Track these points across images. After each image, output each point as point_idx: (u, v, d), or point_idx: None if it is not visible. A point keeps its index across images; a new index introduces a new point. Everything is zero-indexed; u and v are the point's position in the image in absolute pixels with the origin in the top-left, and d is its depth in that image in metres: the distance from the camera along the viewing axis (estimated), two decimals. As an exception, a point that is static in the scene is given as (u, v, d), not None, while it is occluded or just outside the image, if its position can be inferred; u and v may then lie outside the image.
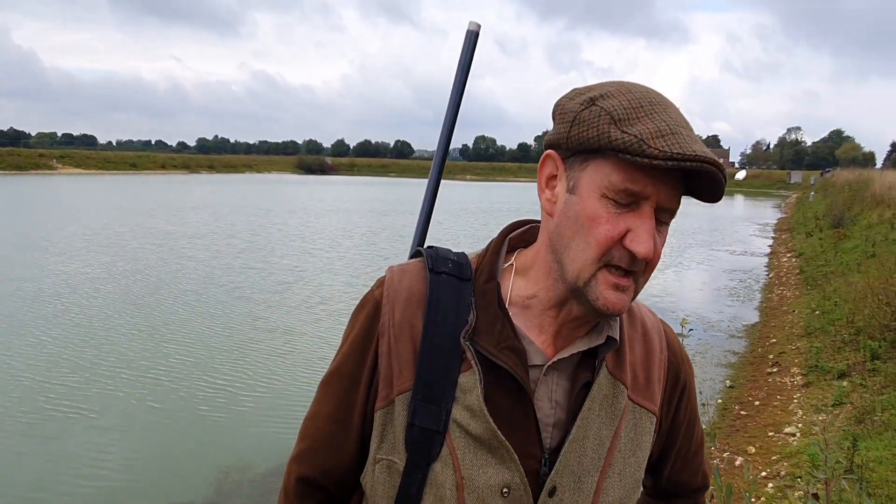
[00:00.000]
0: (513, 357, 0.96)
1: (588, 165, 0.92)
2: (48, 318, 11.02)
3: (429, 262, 1.02)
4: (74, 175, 77.91)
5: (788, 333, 10.35)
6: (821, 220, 23.39)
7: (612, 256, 0.91)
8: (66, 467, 6.17)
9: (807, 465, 5.24)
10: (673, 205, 0.92)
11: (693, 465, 1.21)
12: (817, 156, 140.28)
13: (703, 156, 0.86)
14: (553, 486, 0.97)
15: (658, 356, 1.09)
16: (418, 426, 0.96)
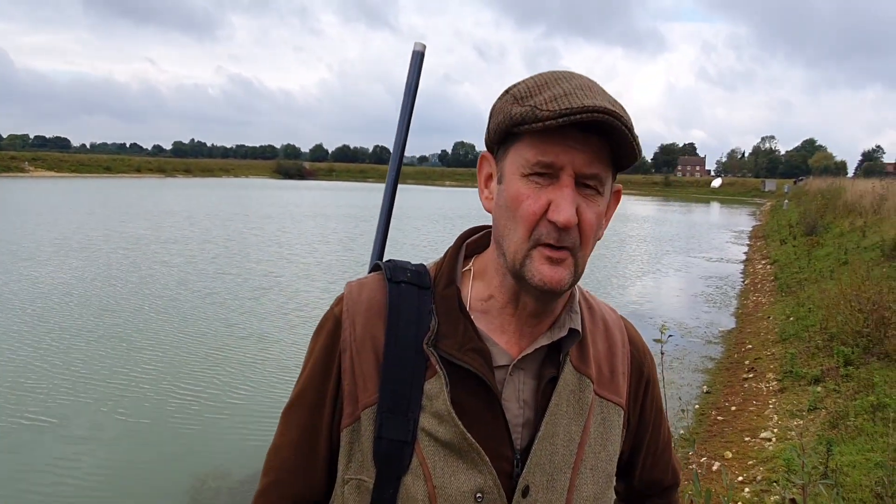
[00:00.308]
0: (477, 358, 0.95)
1: (508, 152, 0.95)
2: (15, 324, 10.77)
3: (387, 273, 1.02)
4: (47, 178, 76.54)
5: (764, 339, 10.46)
6: (794, 228, 23.74)
7: (541, 233, 0.91)
8: (34, 477, 6.01)
9: (782, 469, 5.28)
10: (593, 169, 0.91)
11: (663, 461, 1.22)
12: (791, 164, 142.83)
13: (594, 106, 0.86)
14: (526, 486, 0.96)
15: (621, 350, 1.10)
16: (386, 439, 0.94)
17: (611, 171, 0.95)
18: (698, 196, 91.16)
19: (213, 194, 54.99)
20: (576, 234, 0.92)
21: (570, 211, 0.89)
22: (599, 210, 0.94)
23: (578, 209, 0.91)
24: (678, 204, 68.98)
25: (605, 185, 0.94)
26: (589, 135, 0.89)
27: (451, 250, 1.07)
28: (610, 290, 16.03)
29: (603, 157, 0.92)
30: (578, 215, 0.91)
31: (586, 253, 0.95)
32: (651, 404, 1.16)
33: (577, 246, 0.93)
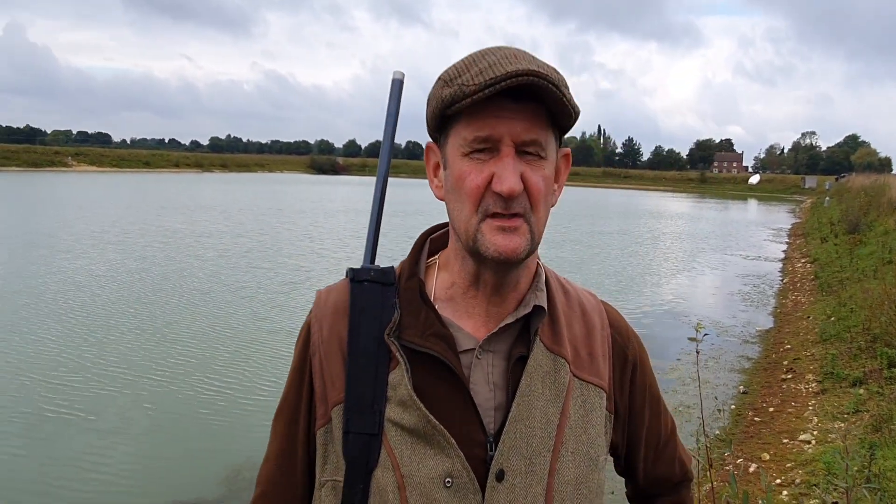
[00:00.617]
0: (439, 343, 0.96)
1: (448, 136, 0.96)
2: (50, 316, 11.04)
3: (349, 274, 1.04)
4: (89, 172, 78.57)
5: (803, 339, 10.21)
6: (836, 226, 23.13)
7: (488, 204, 0.92)
8: (67, 468, 6.13)
9: (822, 473, 5.15)
10: (531, 135, 0.91)
11: (667, 455, 1.18)
12: (832, 160, 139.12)
13: (517, 70, 0.86)
14: (500, 470, 0.94)
15: (599, 332, 1.08)
16: (353, 433, 0.95)
17: (552, 134, 0.95)
18: (735, 193, 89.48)
19: (247, 189, 55.81)
20: (524, 200, 0.92)
21: (512, 179, 0.90)
22: (545, 174, 0.94)
23: (523, 175, 0.92)
24: (714, 201, 67.80)
25: (548, 149, 0.95)
26: (523, 102, 0.90)
27: (414, 245, 1.08)
28: (644, 287, 15.83)
29: (541, 122, 0.92)
30: (524, 181, 0.92)
31: (539, 218, 0.95)
32: (643, 390, 1.13)
33: (528, 211, 0.93)
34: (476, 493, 0.93)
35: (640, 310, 13.13)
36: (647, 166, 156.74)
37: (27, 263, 15.69)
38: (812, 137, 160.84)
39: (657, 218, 39.37)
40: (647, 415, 1.13)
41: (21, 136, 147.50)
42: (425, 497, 0.93)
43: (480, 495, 0.93)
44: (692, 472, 1.24)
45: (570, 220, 33.87)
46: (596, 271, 17.69)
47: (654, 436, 1.15)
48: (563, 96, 0.90)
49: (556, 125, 0.95)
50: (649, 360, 1.17)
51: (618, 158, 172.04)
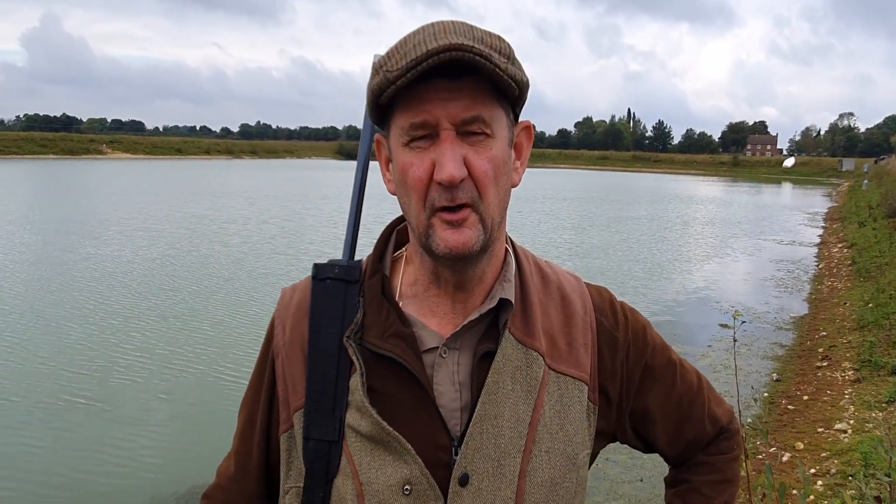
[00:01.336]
0: (399, 344, 0.91)
1: (390, 127, 0.90)
2: (76, 302, 11.21)
3: (313, 272, 1.00)
4: (123, 160, 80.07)
5: (839, 326, 9.99)
6: (875, 210, 22.54)
7: (433, 198, 0.86)
8: (87, 454, 6.19)
9: (859, 463, 5.04)
10: (472, 112, 0.84)
11: (693, 416, 1.10)
12: (871, 142, 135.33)
13: (437, 47, 0.80)
14: (464, 475, 0.89)
15: (581, 319, 1.01)
16: (314, 440, 0.92)
17: (500, 108, 0.87)
18: (769, 176, 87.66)
19: (276, 175, 56.32)
20: (470, 187, 0.86)
21: (450, 166, 0.83)
22: (493, 154, 0.87)
23: (466, 159, 0.85)
24: (747, 185, 66.50)
25: (495, 124, 0.87)
26: (459, 80, 0.83)
27: (379, 239, 1.03)
28: (673, 273, 15.62)
29: (482, 96, 0.85)
30: (468, 165, 0.85)
31: (490, 204, 0.88)
32: (644, 366, 1.05)
33: (476, 200, 0.86)
34: (437, 500, 0.88)
35: (670, 296, 12.96)
36: (678, 150, 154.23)
37: (56, 250, 15.99)
38: (850, 119, 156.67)
39: (687, 202, 38.75)
40: (658, 387, 1.06)
41: (58, 125, 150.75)
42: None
43: (443, 501, 0.89)
44: (733, 424, 1.16)
45: (599, 205, 33.56)
46: (624, 257, 17.49)
47: (673, 403, 1.08)
48: (495, 67, 0.81)
49: (505, 98, 0.88)
50: (652, 330, 1.10)
51: (648, 142, 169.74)
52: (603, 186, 51.01)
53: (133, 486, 5.75)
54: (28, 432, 6.56)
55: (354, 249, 1.05)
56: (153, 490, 5.63)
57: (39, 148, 79.95)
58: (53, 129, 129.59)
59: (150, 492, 5.59)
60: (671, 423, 1.09)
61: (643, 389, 1.06)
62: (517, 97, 0.89)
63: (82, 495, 5.59)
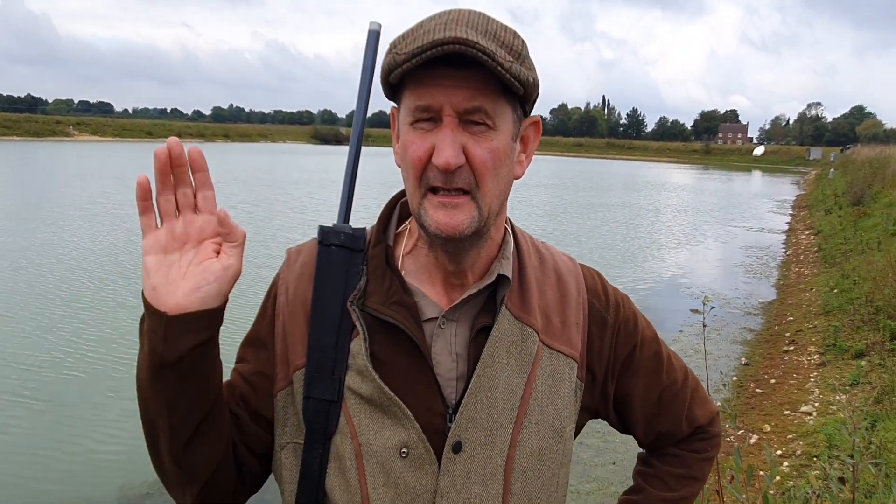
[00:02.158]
0: (401, 311, 0.95)
1: (400, 104, 0.93)
2: (26, 291, 10.75)
3: (319, 236, 1.02)
4: (91, 142, 78.31)
5: (806, 311, 10.21)
6: (840, 198, 23.01)
7: (429, 178, 0.89)
8: (53, 446, 6.03)
9: (824, 444, 5.18)
10: (474, 103, 0.87)
11: (671, 411, 1.14)
12: (837, 132, 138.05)
13: (444, 38, 0.82)
14: (457, 442, 0.93)
15: (574, 299, 1.05)
16: (314, 399, 0.94)
17: (505, 102, 0.89)
18: (740, 164, 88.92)
19: (247, 159, 55.50)
20: (468, 174, 0.88)
21: (448, 152, 0.86)
22: (493, 146, 0.89)
23: (466, 147, 0.88)
24: (718, 172, 67.38)
25: (498, 117, 0.89)
26: (465, 69, 0.85)
27: (383, 210, 1.05)
28: (645, 260, 15.81)
29: (488, 89, 0.87)
30: (467, 154, 0.88)
31: (487, 193, 0.90)
32: (631, 351, 1.09)
33: (472, 186, 0.89)
34: (432, 464, 0.92)
35: (643, 282, 13.12)
36: (652, 137, 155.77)
37: (7, 235, 15.30)
38: (818, 108, 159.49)
39: (660, 190, 39.17)
40: (641, 375, 1.10)
41: (22, 106, 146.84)
42: (381, 466, 0.92)
43: (436, 466, 0.92)
44: (713, 426, 1.20)
45: (573, 191, 33.76)
46: (597, 244, 17.65)
47: (654, 394, 1.12)
48: (497, 66, 0.83)
49: (511, 94, 0.89)
50: (644, 321, 1.14)
51: (622, 129, 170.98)
52: (578, 173, 51.28)
53: (94, 480, 5.63)
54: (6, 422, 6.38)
55: (349, 214, 1.05)
56: (117, 483, 5.54)
57: (2, 129, 77.71)
58: (17, 109, 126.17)
59: (116, 484, 5.54)
60: (648, 413, 1.13)
61: (627, 374, 1.10)
62: (524, 95, 0.90)
63: (45, 490, 5.45)
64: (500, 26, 0.88)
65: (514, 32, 0.89)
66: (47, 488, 5.45)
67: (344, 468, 0.94)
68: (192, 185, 0.87)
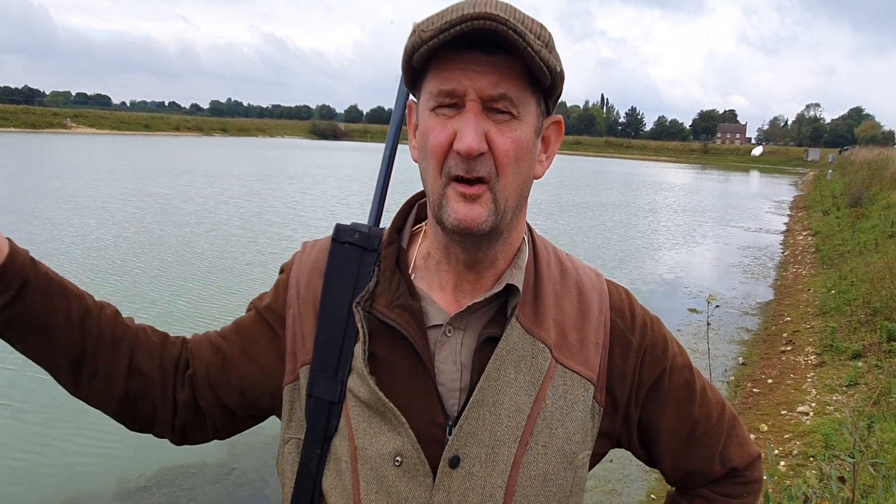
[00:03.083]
0: (404, 315, 0.92)
1: (420, 92, 0.90)
2: None
3: (333, 233, 1.02)
4: (88, 135, 77.99)
5: (803, 312, 10.24)
6: (838, 199, 23.05)
7: (450, 165, 0.86)
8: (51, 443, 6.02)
9: (820, 444, 5.19)
10: (499, 90, 0.84)
11: (702, 448, 1.05)
12: (836, 133, 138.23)
13: (473, 13, 0.79)
14: (455, 456, 0.89)
15: (595, 317, 0.99)
16: (315, 398, 0.94)
17: (530, 92, 0.87)
18: (738, 164, 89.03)
19: (244, 153, 55.23)
20: (489, 163, 0.86)
21: (471, 137, 0.83)
22: (516, 135, 0.86)
23: (488, 135, 0.85)
24: (716, 172, 67.46)
25: (523, 107, 0.86)
26: (492, 54, 0.83)
27: (399, 210, 1.04)
28: (643, 259, 15.83)
29: (514, 77, 0.84)
30: (489, 142, 0.85)
31: (507, 185, 0.87)
32: (659, 379, 1.02)
33: (493, 176, 0.86)
34: (426, 476, 0.89)
35: (640, 281, 13.12)
36: (650, 136, 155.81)
37: None
38: (816, 109, 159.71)
39: (658, 189, 39.20)
40: (669, 405, 1.03)
41: (19, 97, 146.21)
42: (375, 472, 0.90)
43: (431, 479, 0.89)
44: (752, 471, 1.10)
45: (570, 190, 33.75)
46: (594, 243, 17.67)
47: (683, 428, 1.04)
48: (527, 46, 0.81)
49: (538, 86, 0.87)
50: (676, 346, 1.06)
51: (621, 128, 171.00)
52: (576, 171, 51.25)
53: (92, 473, 5.62)
54: None
55: (380, 217, 1.05)
56: (115, 476, 5.53)
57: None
58: (14, 101, 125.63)
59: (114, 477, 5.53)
60: (677, 448, 1.05)
61: (653, 402, 1.02)
62: (550, 87, 0.88)
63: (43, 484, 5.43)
64: (528, 17, 0.86)
65: (541, 24, 0.87)
66: (45, 482, 5.43)
67: (340, 470, 0.93)
68: None
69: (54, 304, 0.95)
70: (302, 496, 0.96)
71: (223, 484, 5.40)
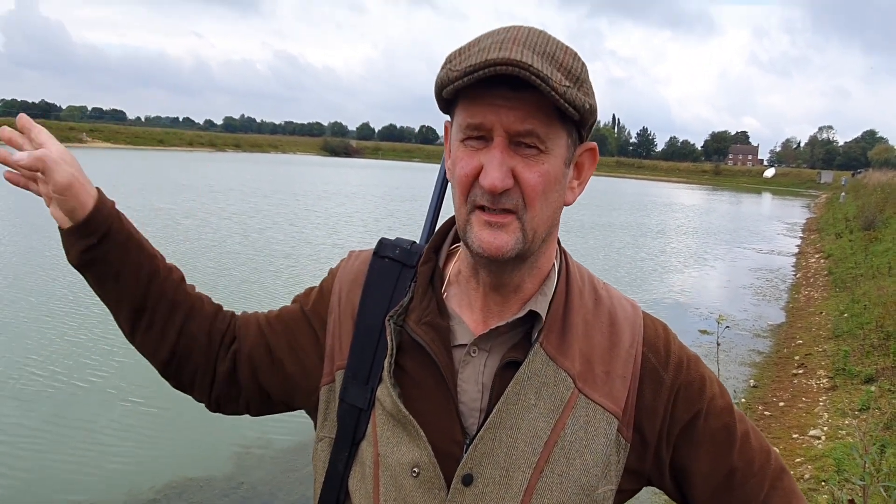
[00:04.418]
0: (429, 332, 0.95)
1: (453, 119, 0.93)
2: (30, 297, 10.97)
3: (376, 248, 1.07)
4: (103, 149, 78.85)
5: (815, 335, 10.16)
6: (851, 222, 22.92)
7: (476, 195, 0.89)
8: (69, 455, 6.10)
9: (832, 469, 5.14)
10: (526, 125, 0.85)
11: (741, 497, 1.00)
12: (849, 156, 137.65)
13: (497, 59, 0.81)
14: (468, 474, 0.90)
15: (626, 350, 0.97)
16: (347, 403, 0.99)
17: (558, 125, 0.87)
18: (749, 186, 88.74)
19: (253, 169, 55.58)
20: (517, 196, 0.87)
21: (495, 174, 0.85)
22: (544, 169, 0.87)
23: (515, 171, 0.86)
24: (728, 193, 67.26)
25: (551, 141, 0.87)
26: (521, 91, 0.83)
27: (439, 229, 1.07)
28: (654, 280, 15.77)
29: (541, 112, 0.85)
30: (516, 176, 0.86)
31: (535, 217, 0.89)
32: (693, 419, 0.98)
33: (521, 208, 0.88)
34: (441, 490, 0.91)
35: (651, 302, 13.07)
36: (661, 157, 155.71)
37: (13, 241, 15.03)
38: (829, 132, 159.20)
39: (669, 210, 39.10)
40: (705, 449, 0.99)
41: (37, 111, 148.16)
42: (394, 480, 0.93)
43: (445, 493, 0.91)
44: None
45: (580, 209, 33.73)
46: (604, 263, 17.62)
47: (721, 474, 0.99)
48: (551, 90, 0.81)
49: (566, 118, 0.87)
50: (717, 388, 1.02)
51: (632, 148, 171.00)
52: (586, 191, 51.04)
53: (133, 465, 5.74)
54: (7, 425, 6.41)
55: (432, 234, 1.09)
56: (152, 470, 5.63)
57: (18, 134, 78.43)
58: (32, 115, 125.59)
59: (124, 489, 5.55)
60: (711, 493, 1.00)
61: (687, 443, 0.99)
62: (578, 120, 0.88)
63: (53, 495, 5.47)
64: (559, 47, 0.87)
65: (574, 54, 0.87)
66: (55, 495, 5.46)
67: (364, 474, 0.97)
68: None
69: (128, 258, 1.04)
70: (329, 493, 1.01)
71: (232, 497, 5.40)
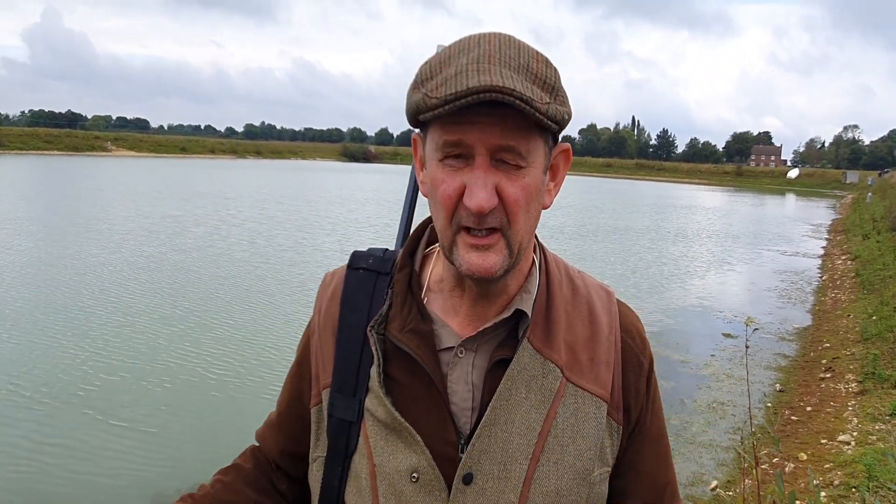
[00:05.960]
0: (414, 339, 0.95)
1: (427, 136, 0.91)
2: (56, 301, 11.10)
3: (349, 260, 1.06)
4: (128, 157, 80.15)
5: (843, 338, 9.97)
6: (878, 223, 22.51)
7: (461, 217, 0.87)
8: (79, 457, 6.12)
9: (863, 475, 5.03)
10: (507, 141, 0.84)
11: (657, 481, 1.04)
12: (875, 155, 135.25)
13: (478, 86, 0.79)
14: (469, 474, 0.91)
15: (606, 337, 1.00)
16: (335, 418, 0.99)
17: (537, 137, 0.87)
18: (773, 187, 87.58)
19: (272, 176, 56.04)
20: (500, 214, 0.86)
21: (481, 195, 0.84)
22: (526, 182, 0.87)
23: (499, 187, 0.85)
24: (751, 195, 66.45)
25: (531, 155, 0.86)
26: (500, 107, 0.81)
27: (413, 233, 1.06)
28: (677, 283, 15.61)
29: (520, 126, 0.84)
30: (500, 193, 0.85)
31: (519, 231, 0.88)
32: (655, 407, 1.04)
33: (505, 225, 0.87)
34: (442, 491, 0.92)
35: (674, 305, 12.95)
36: (682, 159, 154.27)
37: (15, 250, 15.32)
38: (854, 131, 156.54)
39: (691, 212, 38.72)
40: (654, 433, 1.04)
41: (63, 121, 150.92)
42: (393, 488, 0.93)
43: (446, 493, 0.92)
44: None
45: (601, 212, 33.54)
46: (626, 266, 17.49)
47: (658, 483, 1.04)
48: (535, 111, 0.81)
49: (544, 129, 0.87)
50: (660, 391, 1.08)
51: (652, 150, 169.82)
52: (606, 193, 50.94)
53: (139, 471, 5.80)
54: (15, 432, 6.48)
55: (406, 239, 1.08)
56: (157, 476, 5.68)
57: (44, 144, 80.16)
58: (58, 125, 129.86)
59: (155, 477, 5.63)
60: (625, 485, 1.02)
61: (652, 428, 1.04)
62: (555, 131, 0.89)
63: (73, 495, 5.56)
64: (531, 55, 0.86)
65: (545, 61, 0.87)
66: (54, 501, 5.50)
67: (360, 487, 0.96)
68: None
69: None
70: None
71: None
